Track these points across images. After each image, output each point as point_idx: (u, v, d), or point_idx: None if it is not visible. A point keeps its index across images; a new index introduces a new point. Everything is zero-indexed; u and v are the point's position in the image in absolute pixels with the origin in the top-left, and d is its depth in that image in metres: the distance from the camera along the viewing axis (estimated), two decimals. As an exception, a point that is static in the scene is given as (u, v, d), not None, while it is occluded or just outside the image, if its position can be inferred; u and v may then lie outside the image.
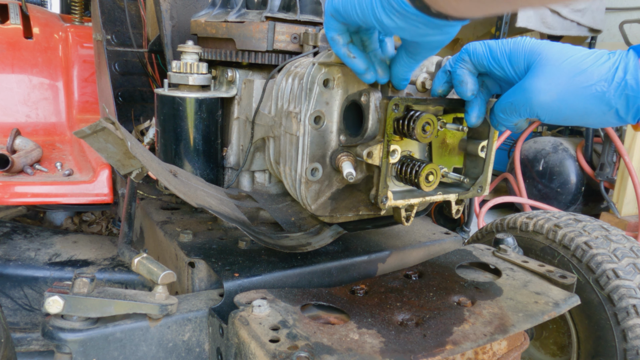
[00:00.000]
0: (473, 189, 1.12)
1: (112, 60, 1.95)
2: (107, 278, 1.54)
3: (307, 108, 1.00)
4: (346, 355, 0.79)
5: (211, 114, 1.32)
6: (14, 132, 1.95)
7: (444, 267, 1.17)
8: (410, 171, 1.00)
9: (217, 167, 1.38)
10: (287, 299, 0.96)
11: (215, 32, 1.31)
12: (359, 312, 0.95)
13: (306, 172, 1.04)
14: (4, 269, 1.52)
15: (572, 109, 0.82)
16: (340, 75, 1.01)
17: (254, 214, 1.30)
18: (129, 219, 1.30)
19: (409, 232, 1.37)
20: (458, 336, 0.88)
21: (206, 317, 0.97)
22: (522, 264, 1.19)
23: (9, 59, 2.17)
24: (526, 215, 1.53)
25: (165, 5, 1.50)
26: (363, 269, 1.20)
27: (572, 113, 0.83)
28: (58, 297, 0.83)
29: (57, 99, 2.24)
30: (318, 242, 1.15)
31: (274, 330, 0.84)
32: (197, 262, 1.10)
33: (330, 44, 0.91)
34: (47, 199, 1.68)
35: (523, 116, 0.90)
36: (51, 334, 0.85)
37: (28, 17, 2.30)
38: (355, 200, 1.11)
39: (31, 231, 1.78)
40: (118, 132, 0.93)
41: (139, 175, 1.12)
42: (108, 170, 1.73)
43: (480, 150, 1.11)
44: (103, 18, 1.93)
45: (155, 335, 0.91)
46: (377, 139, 1.01)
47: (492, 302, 1.01)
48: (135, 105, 2.00)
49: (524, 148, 3.79)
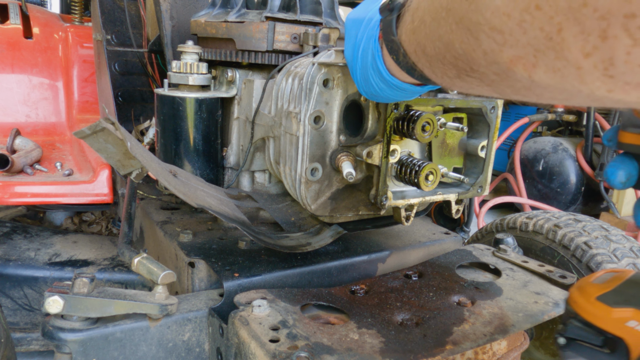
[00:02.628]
0: (473, 188, 1.12)
1: (112, 60, 1.95)
2: (107, 278, 1.54)
3: (307, 108, 1.00)
4: (346, 355, 0.79)
5: (211, 114, 1.32)
6: (14, 132, 1.95)
7: (444, 267, 1.17)
8: (410, 171, 1.00)
9: (217, 167, 1.38)
10: (287, 299, 0.96)
11: (215, 32, 1.31)
12: (358, 312, 0.95)
13: (306, 172, 1.04)
14: (4, 269, 1.52)
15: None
16: (340, 75, 1.01)
17: (253, 214, 1.30)
18: (129, 219, 1.30)
19: (408, 232, 1.37)
20: (458, 336, 0.88)
21: (206, 317, 0.97)
22: (522, 264, 1.19)
23: (9, 59, 2.17)
24: (526, 215, 1.53)
25: (165, 5, 1.50)
26: (363, 269, 1.20)
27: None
28: (58, 297, 0.83)
29: (57, 99, 2.24)
30: (318, 242, 1.15)
31: (273, 330, 0.84)
32: (197, 262, 1.10)
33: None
34: (47, 199, 1.68)
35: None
36: (51, 334, 0.85)
37: (28, 17, 2.30)
38: (355, 200, 1.11)
39: (31, 231, 1.78)
40: (118, 133, 0.93)
41: (139, 175, 1.12)
42: (108, 170, 1.73)
43: (480, 150, 1.11)
44: (103, 18, 1.93)
45: (155, 335, 0.91)
46: (376, 138, 1.01)
47: (492, 302, 1.01)
48: (135, 105, 2.00)
49: (524, 148, 3.79)
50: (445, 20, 0.50)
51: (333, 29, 1.24)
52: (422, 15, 0.57)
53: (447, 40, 0.51)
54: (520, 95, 0.49)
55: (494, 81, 0.49)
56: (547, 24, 0.37)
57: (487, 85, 0.51)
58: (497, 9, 0.41)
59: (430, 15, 0.54)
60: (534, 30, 0.38)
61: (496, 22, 0.42)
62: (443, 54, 0.54)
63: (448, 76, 0.57)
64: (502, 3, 0.40)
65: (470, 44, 0.47)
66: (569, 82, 0.39)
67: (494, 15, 0.42)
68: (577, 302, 0.80)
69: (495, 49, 0.44)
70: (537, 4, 0.37)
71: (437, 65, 0.57)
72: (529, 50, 0.40)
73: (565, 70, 0.38)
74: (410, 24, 0.61)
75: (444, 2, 0.50)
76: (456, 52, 0.50)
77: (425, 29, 0.56)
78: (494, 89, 0.51)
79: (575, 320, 0.79)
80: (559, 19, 0.36)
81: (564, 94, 0.43)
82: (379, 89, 0.77)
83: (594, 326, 0.76)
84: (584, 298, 0.79)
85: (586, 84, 0.38)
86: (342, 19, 1.41)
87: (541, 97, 0.46)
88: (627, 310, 0.74)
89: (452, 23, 0.49)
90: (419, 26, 0.58)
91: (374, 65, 0.74)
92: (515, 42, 0.41)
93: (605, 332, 0.75)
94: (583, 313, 0.78)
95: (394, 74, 0.72)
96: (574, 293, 0.81)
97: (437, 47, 0.54)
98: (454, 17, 0.48)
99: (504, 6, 0.40)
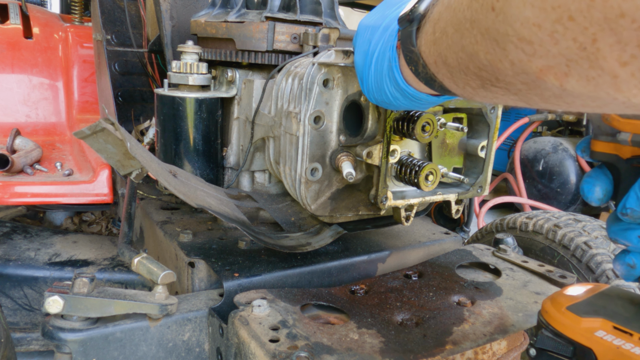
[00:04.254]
0: (473, 188, 1.12)
1: (112, 60, 1.95)
2: (107, 278, 1.54)
3: (307, 108, 1.00)
4: (346, 355, 0.79)
5: (211, 114, 1.32)
6: (14, 132, 1.95)
7: (443, 267, 1.17)
8: (409, 171, 1.00)
9: (217, 167, 1.38)
10: (287, 299, 0.96)
11: (215, 32, 1.31)
12: (358, 312, 0.95)
13: (306, 172, 1.04)
14: (4, 269, 1.52)
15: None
16: (340, 75, 1.01)
17: (253, 214, 1.30)
18: (129, 219, 1.31)
19: (408, 232, 1.37)
20: (458, 336, 0.88)
21: (206, 317, 0.97)
22: (522, 264, 1.19)
23: (9, 59, 2.17)
24: (526, 215, 1.53)
25: (165, 5, 1.50)
26: (363, 269, 1.20)
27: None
28: (58, 297, 0.83)
29: (57, 99, 2.24)
30: (318, 242, 1.15)
31: (273, 330, 0.84)
32: (197, 262, 1.10)
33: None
34: (47, 199, 1.68)
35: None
36: (51, 334, 0.85)
37: (28, 17, 2.30)
38: (355, 200, 1.11)
39: (31, 231, 1.78)
40: (117, 133, 0.93)
41: (139, 175, 1.12)
42: (108, 170, 1.73)
43: (480, 150, 1.11)
44: (103, 18, 1.94)
45: (155, 335, 0.92)
46: (376, 139, 1.01)
47: (492, 302, 1.01)
48: (135, 105, 2.00)
49: (524, 148, 3.79)
50: (470, 32, 0.48)
51: (333, 29, 1.24)
52: (443, 26, 0.55)
53: (471, 51, 0.49)
54: (549, 104, 0.47)
55: (521, 90, 0.48)
56: (581, 35, 0.36)
57: (513, 95, 0.50)
58: (526, 20, 0.40)
59: (453, 27, 0.52)
60: (567, 41, 0.37)
61: (525, 33, 0.40)
62: (466, 65, 0.52)
63: (471, 86, 0.55)
64: (532, 14, 0.39)
65: (497, 54, 0.46)
66: (604, 90, 0.38)
67: (524, 27, 0.40)
68: (548, 311, 0.79)
69: (523, 59, 0.43)
70: (570, 15, 0.36)
71: (459, 76, 0.56)
72: (560, 60, 0.39)
73: (600, 79, 0.37)
74: (432, 35, 0.59)
75: (468, 14, 0.48)
76: (481, 62, 0.49)
77: (447, 40, 0.54)
78: (520, 98, 0.50)
79: (546, 330, 0.78)
80: (593, 30, 0.35)
81: (597, 102, 0.41)
82: (393, 98, 0.76)
83: (563, 336, 0.76)
84: (555, 308, 0.78)
85: (622, 92, 0.37)
86: (342, 19, 1.41)
87: (572, 105, 0.45)
88: (596, 320, 0.74)
89: (477, 34, 0.47)
90: (441, 37, 0.56)
91: (391, 75, 0.72)
92: (546, 52, 0.40)
93: (574, 342, 0.74)
94: (553, 323, 0.78)
95: (411, 84, 0.70)
96: (546, 303, 0.81)
97: (460, 57, 0.53)
98: (479, 28, 0.47)
99: (534, 17, 0.39)
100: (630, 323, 0.71)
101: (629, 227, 0.70)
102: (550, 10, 0.37)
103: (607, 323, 0.73)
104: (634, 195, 0.68)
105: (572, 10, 0.35)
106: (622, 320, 0.72)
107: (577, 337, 0.74)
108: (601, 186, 0.75)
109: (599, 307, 0.76)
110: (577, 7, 0.35)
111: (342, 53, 0.98)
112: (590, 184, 0.76)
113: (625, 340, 0.70)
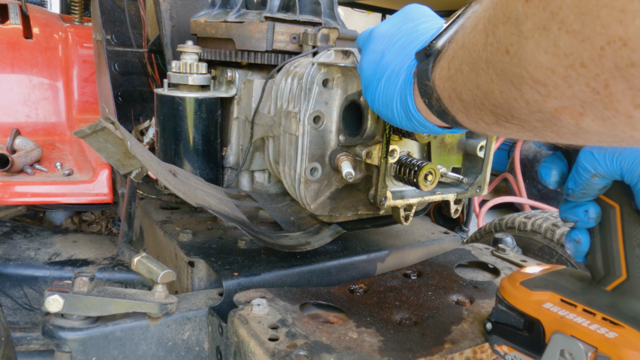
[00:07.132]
0: (472, 188, 1.12)
1: (112, 60, 1.96)
2: (107, 277, 1.54)
3: (306, 108, 1.01)
4: (345, 353, 0.80)
5: (211, 114, 1.33)
6: (14, 132, 1.95)
7: (442, 266, 1.18)
8: (409, 171, 1.01)
9: (216, 167, 1.38)
10: (287, 298, 0.97)
11: (215, 32, 1.31)
12: (357, 311, 0.95)
13: (305, 172, 1.04)
14: (4, 269, 1.52)
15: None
16: (340, 75, 1.01)
17: (253, 214, 1.31)
18: (128, 219, 1.31)
19: (408, 232, 1.38)
20: (456, 335, 0.88)
21: (206, 316, 0.97)
22: (521, 263, 1.19)
23: (8, 59, 2.17)
24: (524, 215, 1.54)
25: (165, 5, 1.50)
26: (362, 268, 1.21)
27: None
28: (58, 296, 0.83)
29: (57, 99, 2.24)
30: (317, 242, 1.15)
31: (273, 329, 0.84)
32: (196, 262, 1.10)
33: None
34: (47, 198, 1.69)
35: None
36: (51, 333, 0.86)
37: (28, 17, 2.30)
38: (355, 200, 1.12)
39: (31, 231, 1.78)
40: (118, 132, 0.93)
41: (139, 175, 1.12)
42: (108, 170, 1.74)
43: (479, 150, 1.11)
44: (103, 18, 1.94)
45: (154, 334, 0.92)
46: (376, 139, 1.02)
47: (491, 301, 1.01)
48: (135, 105, 2.00)
49: (524, 148, 3.79)
50: (485, 72, 0.49)
51: (332, 29, 1.24)
52: (459, 64, 0.55)
53: (487, 89, 0.49)
54: (565, 140, 0.47)
55: (536, 127, 0.48)
56: (593, 81, 0.36)
57: (528, 131, 0.50)
58: (540, 64, 0.40)
59: (469, 66, 0.52)
60: (580, 85, 0.38)
61: (540, 76, 0.41)
62: (481, 101, 0.52)
63: (485, 122, 0.55)
64: (545, 59, 0.39)
65: (512, 93, 0.46)
66: (620, 129, 0.39)
67: (538, 70, 0.41)
68: (504, 287, 0.83)
69: (539, 100, 0.43)
70: (582, 62, 0.36)
71: (473, 112, 0.55)
72: (575, 102, 0.39)
73: (616, 119, 0.38)
74: (447, 71, 0.59)
75: (483, 55, 0.48)
76: (496, 100, 0.49)
77: (462, 77, 0.54)
78: (536, 134, 0.50)
79: (501, 304, 0.82)
80: (605, 77, 0.35)
81: (614, 138, 0.42)
82: (398, 118, 0.75)
83: (516, 309, 0.79)
84: (510, 284, 0.82)
85: (638, 131, 0.38)
86: (342, 19, 1.42)
87: (589, 141, 0.45)
88: (545, 294, 0.78)
89: (493, 74, 0.47)
90: (456, 74, 0.56)
91: (403, 98, 0.71)
92: (560, 94, 0.40)
93: (524, 314, 0.78)
94: (507, 297, 0.81)
95: (421, 112, 0.70)
96: (504, 280, 0.85)
97: (475, 95, 0.53)
98: (495, 69, 0.47)
99: (548, 62, 0.39)
100: (576, 296, 0.75)
101: (576, 204, 0.75)
102: (563, 57, 0.38)
103: (554, 296, 0.77)
104: (572, 177, 0.73)
105: (584, 57, 0.36)
106: (569, 293, 0.76)
107: (527, 310, 0.78)
108: (557, 169, 0.77)
109: (550, 282, 0.80)
110: (588, 55, 0.35)
111: (342, 53, 0.99)
112: (547, 169, 0.78)
113: (569, 311, 0.73)
